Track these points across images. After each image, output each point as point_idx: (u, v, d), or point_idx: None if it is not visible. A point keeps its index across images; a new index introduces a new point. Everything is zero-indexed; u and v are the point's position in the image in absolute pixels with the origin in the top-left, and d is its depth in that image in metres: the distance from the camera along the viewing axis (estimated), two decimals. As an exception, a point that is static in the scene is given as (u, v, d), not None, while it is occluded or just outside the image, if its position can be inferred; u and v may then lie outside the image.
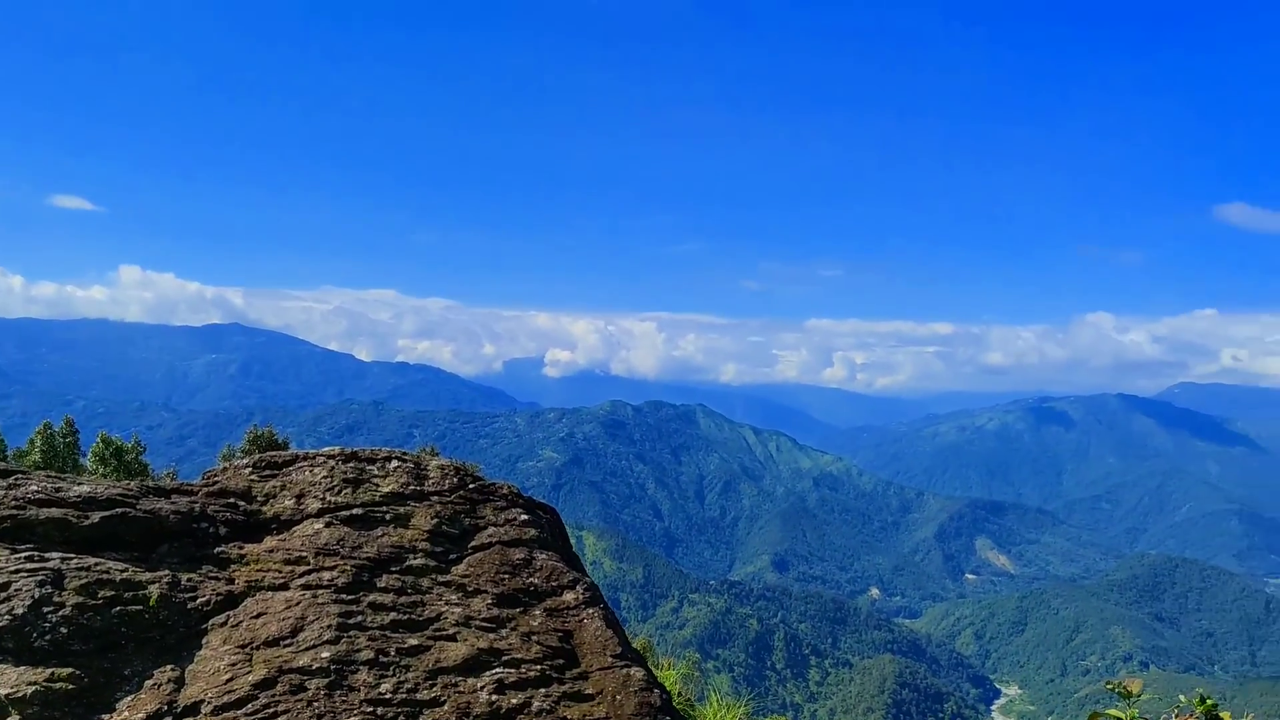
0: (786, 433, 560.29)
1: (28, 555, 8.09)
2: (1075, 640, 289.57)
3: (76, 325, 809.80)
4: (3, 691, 6.89)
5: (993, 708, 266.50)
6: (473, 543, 9.83)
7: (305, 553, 9.00)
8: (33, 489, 8.91)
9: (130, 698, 7.30)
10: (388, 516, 9.76)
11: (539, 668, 8.26)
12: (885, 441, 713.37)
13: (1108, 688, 7.88)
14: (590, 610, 9.28)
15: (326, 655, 7.71)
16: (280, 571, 8.77)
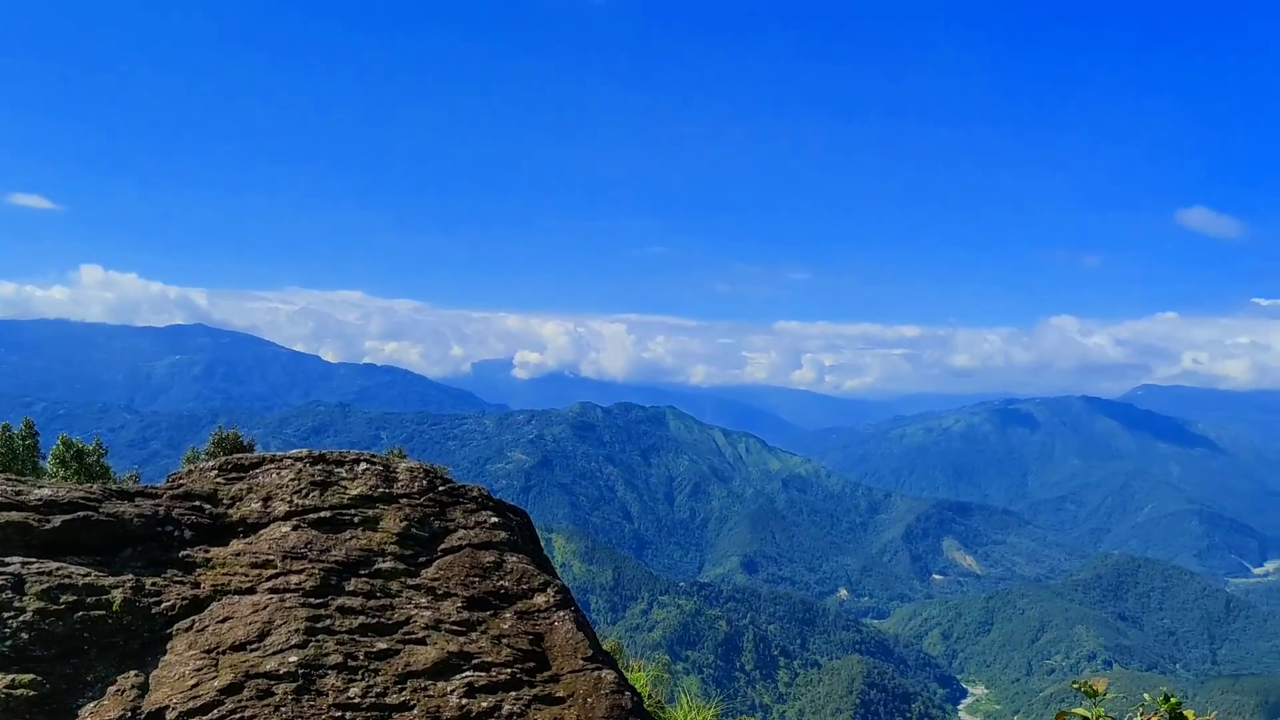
0: (756, 434, 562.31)
1: (-13, 560, 7.95)
2: (1041, 640, 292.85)
3: (36, 325, 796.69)
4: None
5: (960, 707, 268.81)
6: (442, 546, 9.76)
7: (272, 556, 8.90)
8: (-8, 492, 8.75)
9: (93, 704, 7.19)
10: (356, 519, 9.68)
11: (510, 671, 8.23)
12: (853, 443, 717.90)
13: (1074, 687, 7.96)
14: (561, 613, 9.25)
15: (294, 659, 7.64)
16: (247, 575, 8.67)
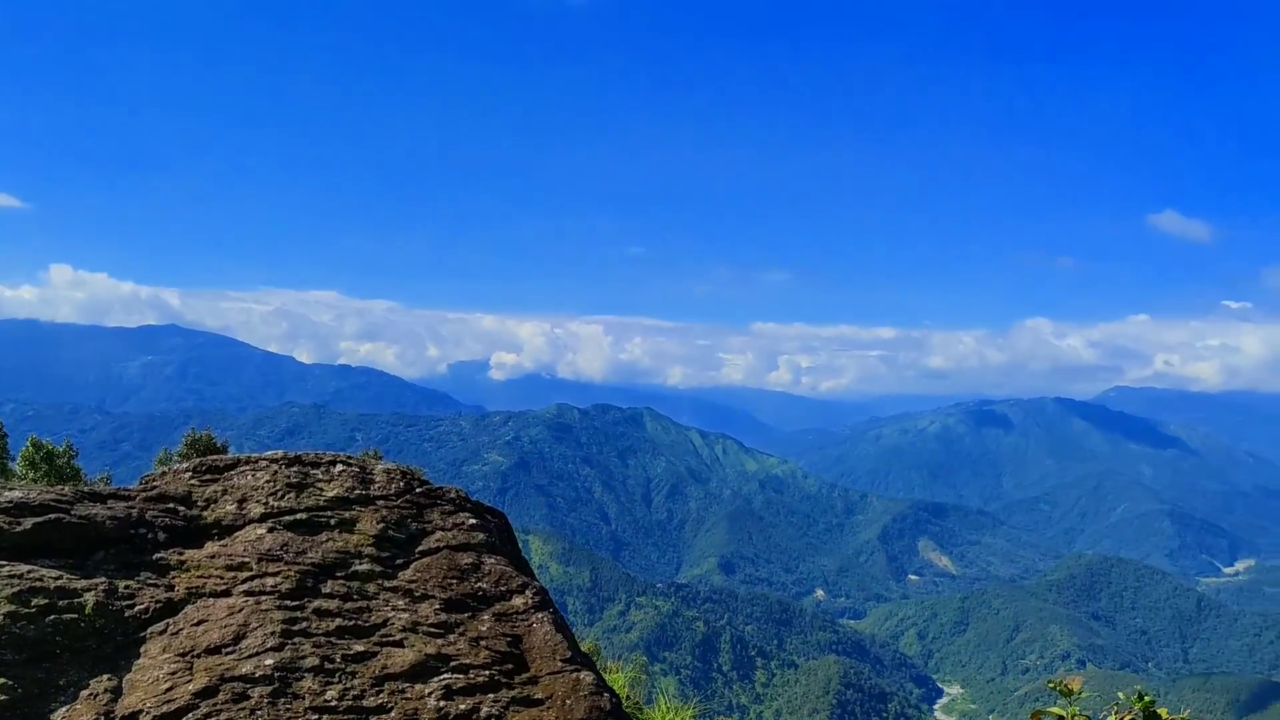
0: (733, 435, 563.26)
1: (-44, 563, 7.85)
2: (1015, 639, 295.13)
3: (5, 326, 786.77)
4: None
5: (935, 707, 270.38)
6: (420, 548, 9.72)
7: (248, 558, 8.84)
8: (-38, 495, 8.64)
9: (65, 708, 7.11)
10: (332, 521, 9.62)
11: (488, 673, 8.20)
12: (830, 444, 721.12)
13: (1049, 686, 8.03)
14: (539, 614, 9.24)
15: (270, 662, 7.58)
16: (222, 578, 8.60)
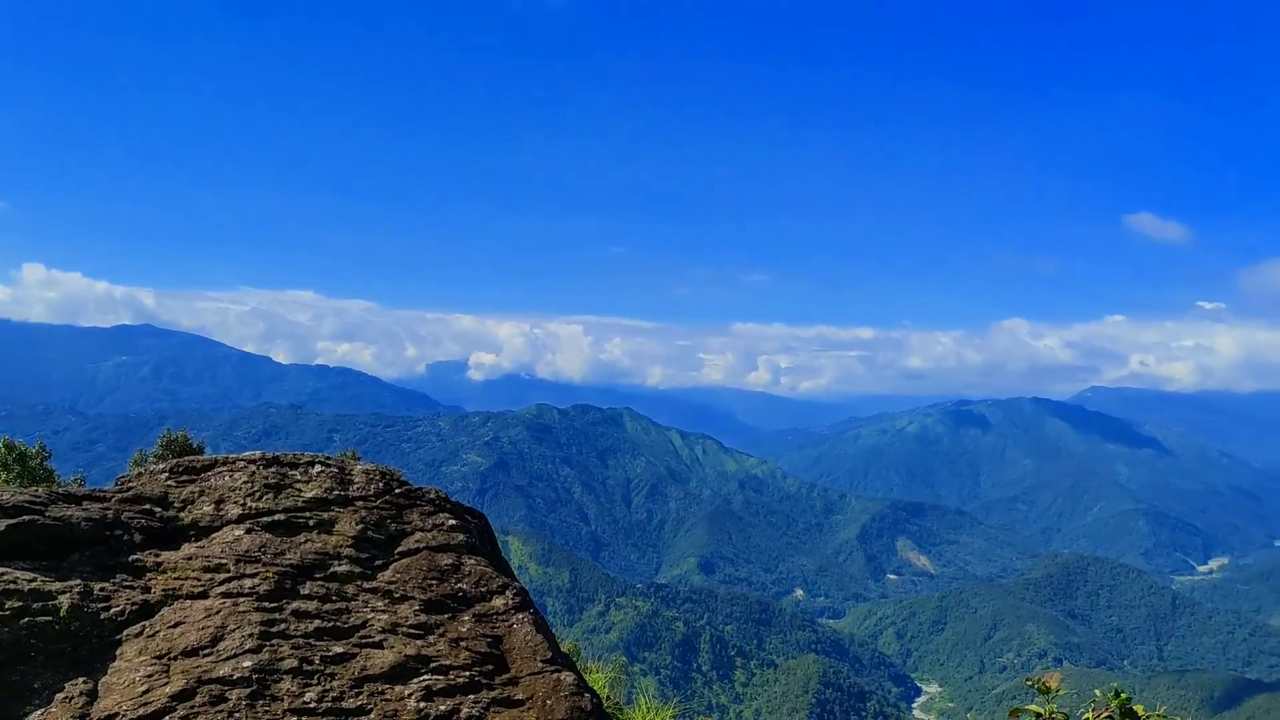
0: (712, 436, 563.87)
1: (-72, 565, 7.76)
2: (993, 638, 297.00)
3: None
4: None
5: (914, 706, 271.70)
6: (399, 548, 9.69)
7: (225, 560, 8.78)
8: (-66, 496, 8.53)
9: (40, 712, 7.04)
10: (311, 522, 9.57)
11: (468, 674, 8.18)
12: (809, 444, 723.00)
13: (1027, 684, 8.10)
14: (520, 615, 9.22)
15: (248, 664, 7.53)
16: (199, 579, 8.54)
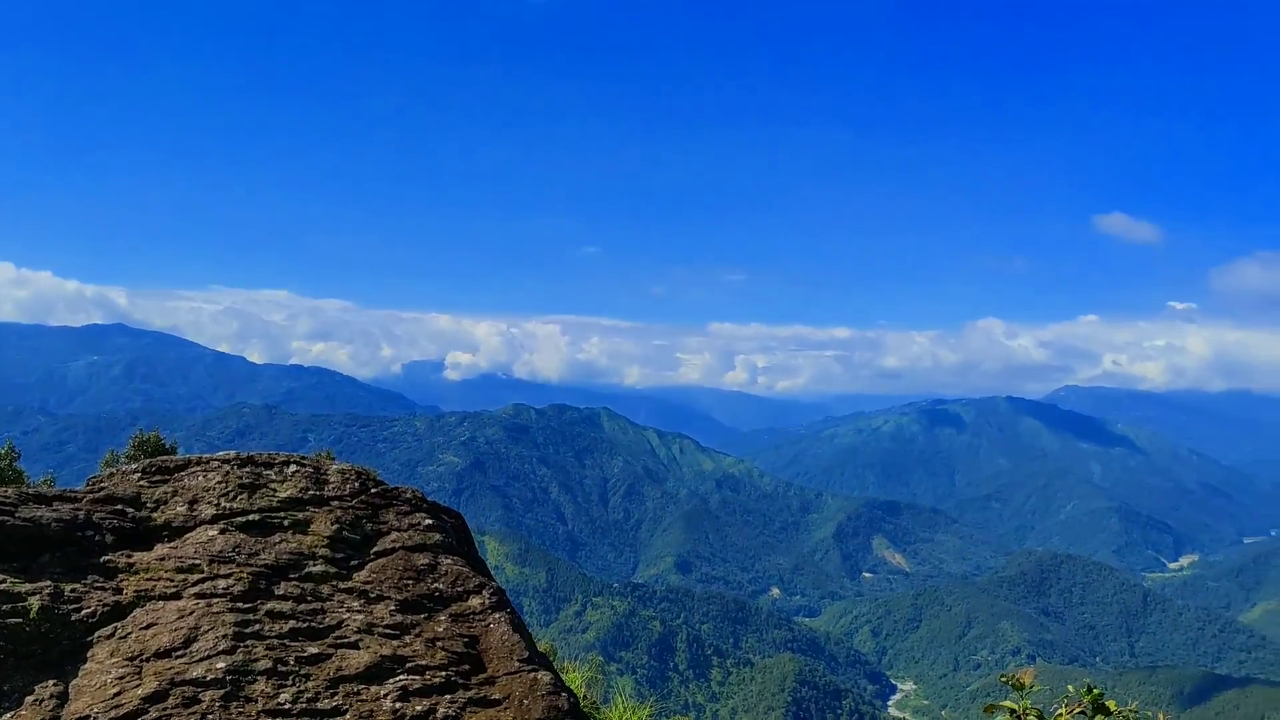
0: (689, 435, 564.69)
1: (-106, 567, 7.64)
2: (967, 635, 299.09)
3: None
4: None
5: (889, 703, 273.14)
6: (375, 548, 9.64)
7: (199, 560, 8.70)
8: (-100, 497, 8.41)
9: (10, 714, 6.95)
10: (286, 522, 9.51)
11: (444, 674, 8.15)
12: (785, 443, 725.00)
13: (1001, 680, 8.16)
14: (496, 615, 9.20)
15: (222, 666, 7.47)
16: (172, 580, 8.46)
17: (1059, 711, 7.72)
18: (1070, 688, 8.04)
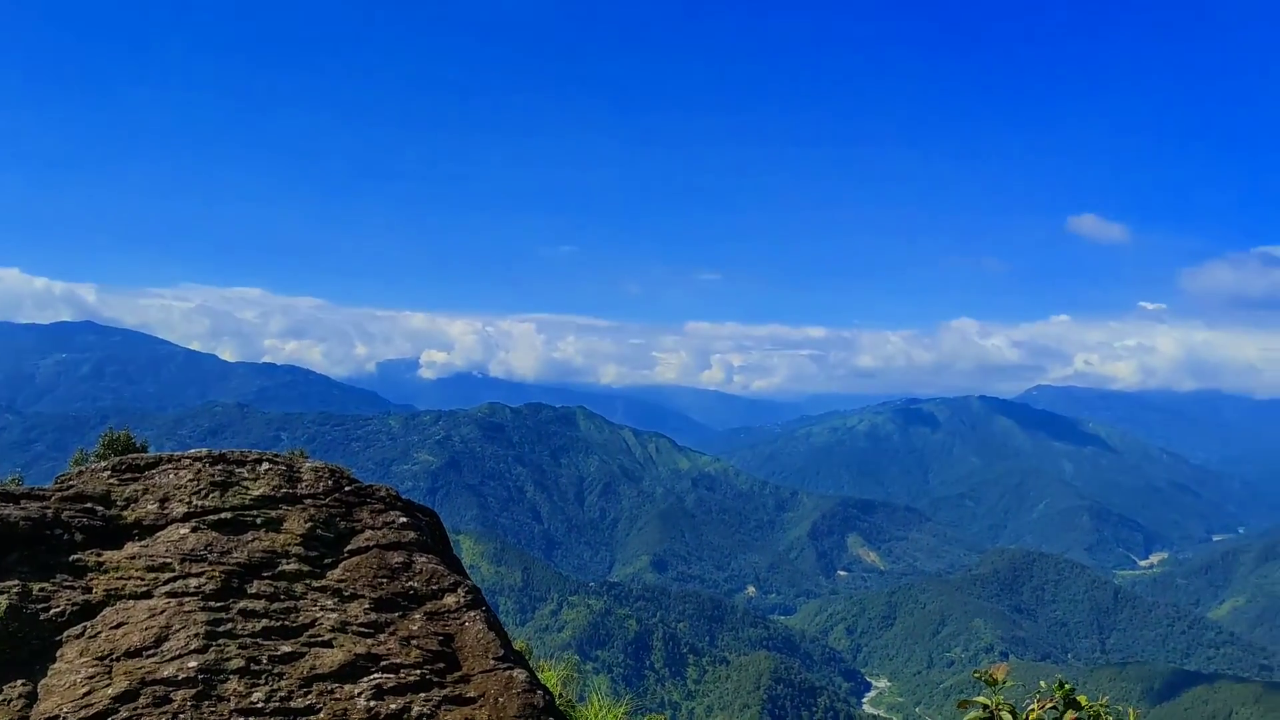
0: (666, 434, 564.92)
1: None
2: (941, 633, 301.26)
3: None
4: None
5: (864, 701, 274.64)
6: (349, 547, 9.59)
7: (170, 559, 8.62)
8: None
9: (-25, 716, 6.86)
10: (259, 520, 9.43)
11: (419, 672, 8.12)
12: (761, 442, 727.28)
13: (974, 676, 8.23)
14: (472, 613, 9.17)
15: (193, 665, 7.40)
16: (143, 579, 8.37)
17: (1031, 707, 7.79)
18: (1042, 683, 8.13)
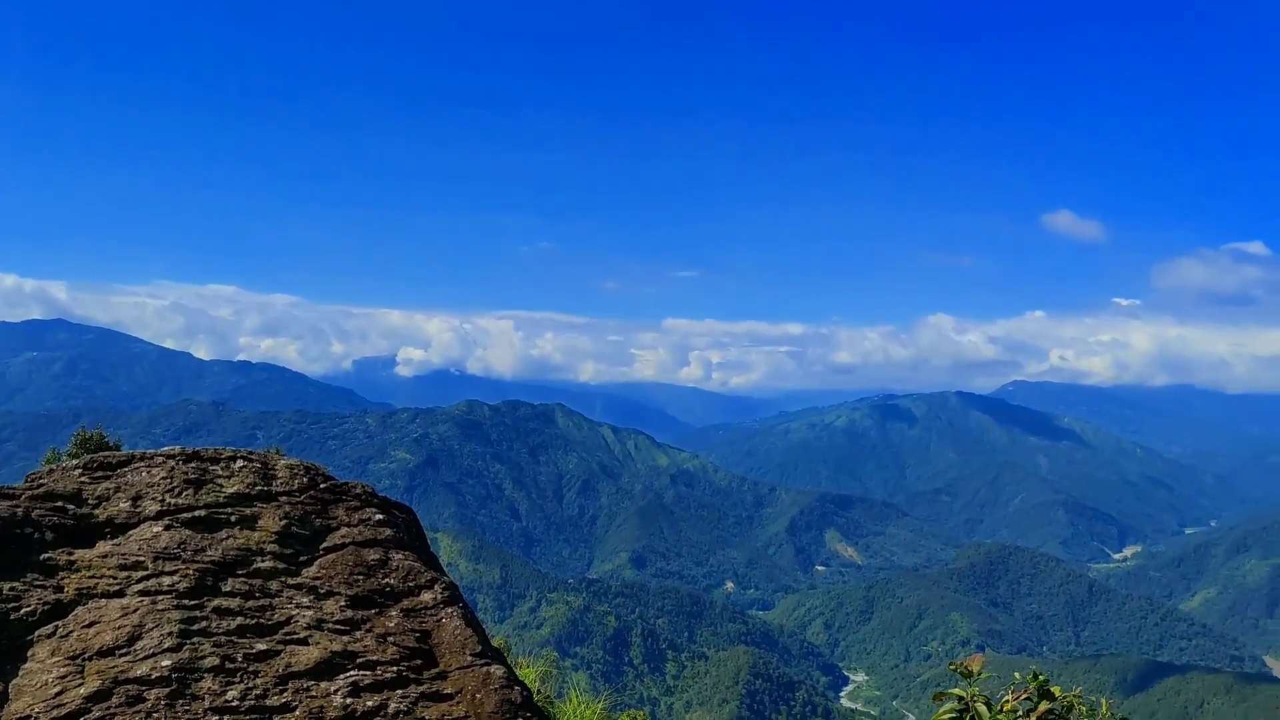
0: (644, 431, 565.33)
1: None
2: (918, 627, 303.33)
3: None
4: None
5: (841, 695, 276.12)
6: (325, 544, 9.54)
7: (143, 557, 8.54)
8: None
9: (-56, 718, 6.78)
10: (233, 518, 9.37)
11: (396, 669, 8.09)
12: (740, 438, 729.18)
13: (951, 669, 8.29)
14: (449, 609, 9.15)
15: (167, 664, 7.34)
16: (115, 578, 8.30)
17: (1005, 698, 7.85)
18: (1017, 675, 8.20)
